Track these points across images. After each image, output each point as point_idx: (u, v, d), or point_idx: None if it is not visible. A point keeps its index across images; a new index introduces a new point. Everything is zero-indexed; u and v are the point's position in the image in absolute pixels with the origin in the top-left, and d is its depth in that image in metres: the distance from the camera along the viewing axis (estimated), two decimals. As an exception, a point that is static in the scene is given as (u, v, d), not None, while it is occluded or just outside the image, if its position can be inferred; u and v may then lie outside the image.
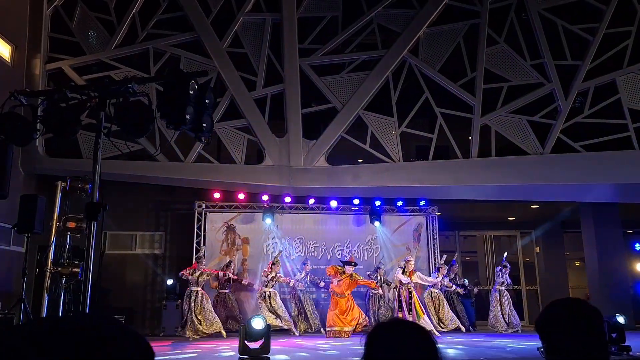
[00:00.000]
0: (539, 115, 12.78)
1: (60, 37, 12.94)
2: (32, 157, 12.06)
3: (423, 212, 13.98)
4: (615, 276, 14.13)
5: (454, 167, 12.61)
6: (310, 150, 12.61)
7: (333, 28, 13.31)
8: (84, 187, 8.06)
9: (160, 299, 12.69)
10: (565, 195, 13.58)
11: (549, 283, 16.14)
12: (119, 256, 12.36)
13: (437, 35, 13.09)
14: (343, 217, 13.72)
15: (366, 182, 12.56)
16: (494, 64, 12.90)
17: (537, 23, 12.90)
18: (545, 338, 1.73)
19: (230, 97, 12.58)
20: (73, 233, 8.25)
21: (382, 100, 12.89)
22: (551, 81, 12.77)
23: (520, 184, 12.54)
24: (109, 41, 12.84)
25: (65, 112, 5.41)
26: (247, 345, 6.75)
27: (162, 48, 12.88)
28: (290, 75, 12.81)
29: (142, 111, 5.28)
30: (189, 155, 12.41)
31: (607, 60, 12.84)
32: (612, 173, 12.31)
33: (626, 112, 12.60)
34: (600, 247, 14.76)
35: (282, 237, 13.26)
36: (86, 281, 4.77)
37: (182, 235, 13.08)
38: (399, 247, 13.69)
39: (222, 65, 12.67)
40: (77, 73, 12.67)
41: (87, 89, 5.51)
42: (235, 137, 12.69)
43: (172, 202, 13.48)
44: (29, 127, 5.60)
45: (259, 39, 13.07)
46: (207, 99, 5.34)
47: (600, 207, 14.62)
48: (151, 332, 12.64)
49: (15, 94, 5.65)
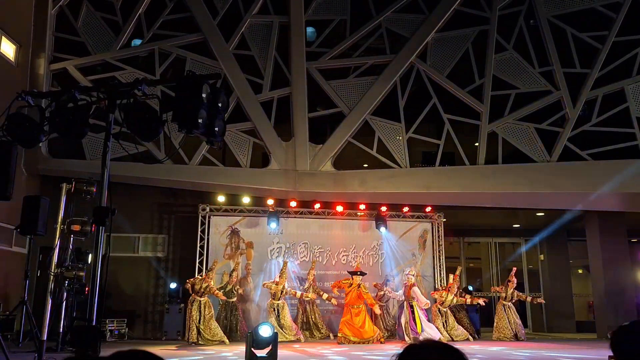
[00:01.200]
0: (546, 122, 12.68)
1: (65, 37, 12.85)
2: (35, 158, 11.96)
3: (429, 219, 13.87)
4: (620, 285, 14.01)
5: (460, 174, 12.51)
6: (316, 154, 12.51)
7: (341, 32, 13.22)
8: (89, 190, 7.95)
9: (162, 303, 12.55)
10: (571, 203, 13.48)
11: (553, 291, 16.02)
12: (122, 258, 12.23)
13: (445, 41, 13.00)
14: (349, 222, 13.60)
15: (372, 187, 12.45)
16: (502, 70, 12.82)
17: (546, 30, 12.81)
18: (617, 348, 1.79)
19: (237, 100, 12.48)
20: (77, 236, 8.14)
21: (390, 106, 12.80)
22: (559, 89, 12.68)
23: (526, 191, 12.44)
24: (114, 41, 12.74)
25: (73, 113, 5.30)
26: (254, 353, 6.63)
27: (167, 49, 12.79)
28: (297, 78, 12.71)
29: (152, 114, 5.17)
30: (193, 157, 12.30)
31: (616, 68, 12.75)
32: (619, 182, 12.19)
33: (634, 120, 12.50)
34: (605, 255, 14.65)
35: (286, 243, 13.15)
36: (93, 287, 4.66)
37: (185, 239, 12.95)
38: (404, 253, 13.57)
39: (228, 68, 12.57)
40: (81, 73, 12.57)
41: (96, 90, 5.41)
42: (241, 140, 12.59)
43: (176, 204, 13.36)
44: (36, 129, 5.48)
45: (266, 41, 12.98)
46: (219, 103, 5.24)
47: (606, 216, 14.52)
48: (153, 335, 12.52)
49: (22, 94, 5.54)
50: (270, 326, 6.87)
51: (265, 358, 6.67)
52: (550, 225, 15.58)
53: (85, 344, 4.32)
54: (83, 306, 8.86)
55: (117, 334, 11.60)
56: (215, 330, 10.95)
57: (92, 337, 4.38)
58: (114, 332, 11.55)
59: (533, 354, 9.13)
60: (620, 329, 1.80)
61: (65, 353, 7.85)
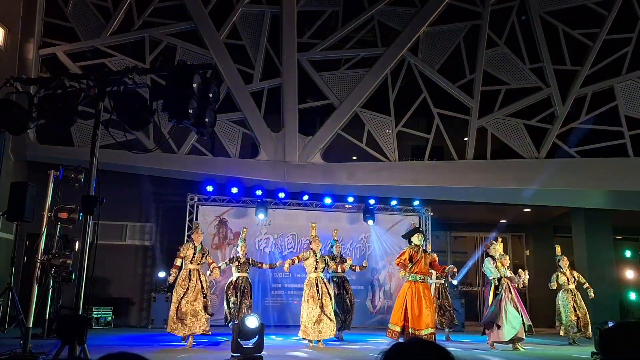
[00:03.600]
0: (535, 119, 12.75)
1: (55, 22, 12.70)
2: (23, 144, 11.86)
3: (416, 212, 13.94)
4: (604, 282, 14.17)
5: (449, 168, 12.57)
6: (306, 146, 12.51)
7: (333, 23, 13.19)
8: (77, 177, 7.88)
9: (149, 291, 12.54)
10: (558, 200, 13.60)
11: (538, 286, 16.16)
12: (110, 246, 12.19)
13: (437, 35, 13.01)
14: (337, 214, 13.64)
15: (361, 180, 12.48)
16: (493, 66, 12.86)
17: (537, 26, 12.85)
18: (605, 355, 1.80)
19: (227, 90, 12.42)
20: (65, 224, 8.10)
21: (380, 99, 12.81)
22: (549, 86, 12.74)
23: (514, 187, 12.52)
24: (104, 27, 12.62)
25: (62, 100, 5.25)
26: (240, 344, 6.65)
27: (158, 37, 12.69)
28: (288, 69, 12.68)
29: (142, 103, 5.14)
30: (182, 146, 12.25)
31: (606, 66, 12.83)
32: (606, 180, 12.32)
33: (622, 119, 12.60)
34: (591, 252, 14.84)
35: (274, 234, 13.15)
36: (80, 274, 4.65)
37: (173, 228, 12.92)
38: (391, 246, 13.64)
39: (219, 57, 12.51)
40: (71, 59, 12.44)
41: (86, 78, 5.36)
42: (230, 130, 12.55)
43: (164, 193, 13.31)
44: (24, 116, 5.43)
45: (258, 32, 12.92)
46: (210, 93, 5.22)
47: (592, 213, 14.68)
48: (139, 324, 12.52)
49: (11, 80, 5.49)
50: (257, 317, 6.89)
51: (251, 349, 6.70)
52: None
53: (72, 333, 4.32)
54: (69, 294, 8.84)
55: (103, 321, 11.58)
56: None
57: (79, 326, 4.38)
58: (100, 320, 11.54)
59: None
60: (609, 331, 1.81)
61: (51, 340, 7.82)
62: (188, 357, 7.49)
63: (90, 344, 4.45)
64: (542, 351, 9.15)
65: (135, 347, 8.06)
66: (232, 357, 6.59)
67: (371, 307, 13.55)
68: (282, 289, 13.14)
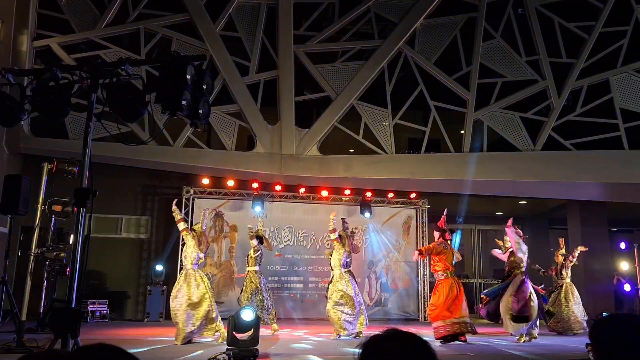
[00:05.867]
0: (531, 112, 12.74)
1: (49, 14, 12.58)
2: (17, 136, 11.77)
3: (413, 205, 13.93)
4: (599, 274, 14.20)
5: (445, 161, 12.55)
6: (302, 138, 12.47)
7: (329, 15, 13.12)
8: (70, 170, 7.84)
9: (145, 284, 12.51)
10: (554, 192, 13.60)
11: (533, 279, 16.18)
12: (105, 239, 12.15)
13: (434, 28, 12.96)
14: (333, 207, 13.58)
15: (358, 172, 12.46)
16: (489, 58, 12.83)
17: (533, 19, 12.82)
18: (596, 346, 1.76)
19: (223, 82, 12.36)
20: (58, 216, 8.06)
21: (377, 91, 12.76)
22: (545, 78, 12.72)
23: (510, 179, 12.52)
24: (99, 19, 12.52)
25: (55, 92, 5.21)
26: (235, 337, 6.63)
27: (153, 29, 12.60)
28: (284, 61, 12.62)
29: (136, 94, 5.10)
30: (178, 139, 12.19)
31: (602, 59, 12.82)
32: (601, 172, 12.33)
33: (618, 111, 12.59)
34: (586, 244, 14.81)
35: (270, 227, 13.10)
36: (74, 268, 4.62)
37: (169, 221, 12.84)
38: (388, 239, 13.64)
39: (215, 49, 12.43)
40: (65, 51, 12.35)
41: (79, 69, 5.32)
42: (226, 122, 12.50)
43: (160, 186, 13.26)
44: (17, 107, 5.38)
45: (254, 24, 12.84)
46: (204, 85, 5.19)
47: (588, 205, 14.68)
48: (135, 317, 12.50)
49: (2, 71, 5.44)
50: (253, 310, 6.87)
51: (247, 342, 6.68)
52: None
53: (65, 326, 4.29)
54: (64, 287, 8.81)
55: (98, 315, 11.56)
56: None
57: (72, 320, 4.36)
58: (95, 314, 11.52)
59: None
60: (601, 322, 1.78)
61: (45, 334, 7.80)
62: (185, 348, 7.49)
63: (85, 337, 4.42)
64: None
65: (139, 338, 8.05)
66: (227, 350, 6.57)
67: (368, 300, 13.54)
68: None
